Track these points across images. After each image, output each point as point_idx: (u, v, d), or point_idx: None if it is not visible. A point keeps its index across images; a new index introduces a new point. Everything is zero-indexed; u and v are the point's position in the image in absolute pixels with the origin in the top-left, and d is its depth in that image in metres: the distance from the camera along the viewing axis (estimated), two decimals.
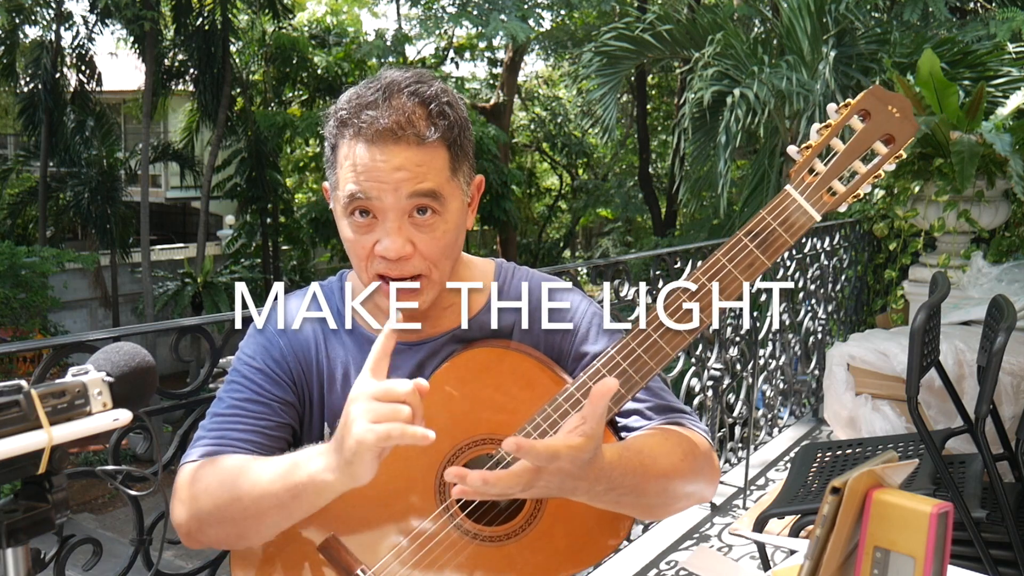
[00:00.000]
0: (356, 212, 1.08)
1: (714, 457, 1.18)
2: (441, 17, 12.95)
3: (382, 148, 1.04)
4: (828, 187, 1.07)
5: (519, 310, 1.19)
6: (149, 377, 0.73)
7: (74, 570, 1.55)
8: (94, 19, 16.47)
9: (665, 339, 1.05)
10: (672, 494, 1.10)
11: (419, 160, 1.05)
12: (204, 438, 1.14)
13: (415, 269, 1.09)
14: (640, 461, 1.05)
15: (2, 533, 0.64)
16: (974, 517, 2.08)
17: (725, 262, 1.06)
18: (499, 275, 1.22)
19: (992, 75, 4.80)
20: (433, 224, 1.08)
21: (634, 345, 1.06)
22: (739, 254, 1.06)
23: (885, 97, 1.06)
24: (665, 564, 2.94)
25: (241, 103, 18.01)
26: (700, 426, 1.20)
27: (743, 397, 3.65)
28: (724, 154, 5.73)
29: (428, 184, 1.06)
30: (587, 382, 1.05)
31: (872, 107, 1.06)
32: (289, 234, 18.32)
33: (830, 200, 1.07)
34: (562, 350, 1.19)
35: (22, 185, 18.50)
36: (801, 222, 1.06)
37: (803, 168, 1.07)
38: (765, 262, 1.06)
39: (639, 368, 1.06)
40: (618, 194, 16.33)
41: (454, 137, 1.09)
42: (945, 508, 0.82)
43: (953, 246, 4.36)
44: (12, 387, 0.62)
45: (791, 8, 5.61)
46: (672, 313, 1.05)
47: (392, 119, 1.04)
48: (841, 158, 1.06)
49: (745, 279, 1.06)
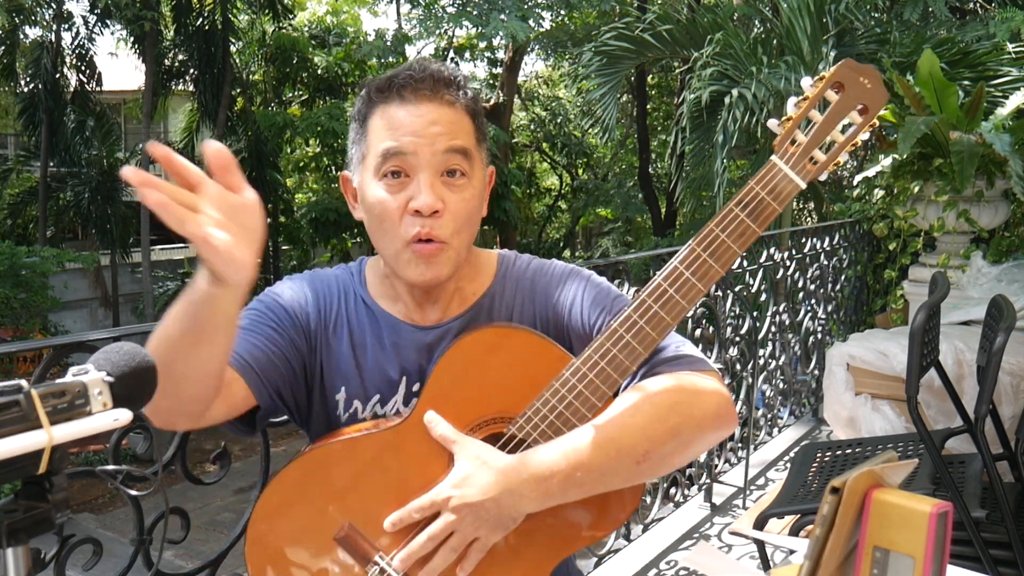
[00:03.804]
0: (389, 174, 1.12)
1: (711, 394, 1.11)
2: (441, 17, 12.93)
3: (418, 104, 1.11)
4: (810, 156, 1.12)
5: (520, 295, 1.23)
6: (149, 377, 0.73)
7: (74, 570, 1.55)
8: (94, 19, 16.46)
9: (666, 308, 1.09)
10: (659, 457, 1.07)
11: (452, 118, 1.13)
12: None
13: (441, 231, 1.12)
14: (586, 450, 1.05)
15: (2, 533, 0.64)
16: (974, 517, 2.08)
17: (718, 232, 1.10)
18: (502, 263, 1.27)
19: (992, 75, 4.80)
20: (463, 186, 1.14)
21: (636, 317, 1.09)
22: (731, 224, 1.10)
23: (857, 69, 1.11)
24: (665, 564, 2.94)
25: (241, 103, 18.01)
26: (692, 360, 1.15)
27: (743, 397, 3.65)
28: (721, 154, 5.73)
29: (460, 142, 1.13)
30: (592, 355, 1.09)
31: (845, 79, 1.11)
32: (289, 234, 18.31)
33: (812, 168, 1.12)
34: (561, 327, 1.21)
35: (22, 185, 18.49)
36: (788, 190, 1.10)
37: (785, 139, 1.12)
38: (756, 230, 1.10)
39: (642, 340, 1.09)
40: (618, 194, 16.31)
41: (477, 111, 1.17)
42: (945, 508, 0.82)
43: (953, 246, 4.36)
44: (12, 387, 0.62)
45: (791, 8, 5.61)
46: (672, 283, 1.09)
47: (428, 78, 1.12)
48: (820, 128, 1.11)
49: (738, 247, 1.10)
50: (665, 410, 1.08)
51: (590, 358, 1.09)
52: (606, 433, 1.06)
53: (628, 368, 1.09)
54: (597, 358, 1.09)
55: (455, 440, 1.09)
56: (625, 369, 1.09)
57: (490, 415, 1.12)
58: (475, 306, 1.22)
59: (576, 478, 1.04)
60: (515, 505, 1.05)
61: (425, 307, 1.21)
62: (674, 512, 3.27)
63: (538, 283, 1.24)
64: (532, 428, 1.10)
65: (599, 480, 1.06)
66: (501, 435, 1.12)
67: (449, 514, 1.05)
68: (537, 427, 1.10)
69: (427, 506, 1.07)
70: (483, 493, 1.04)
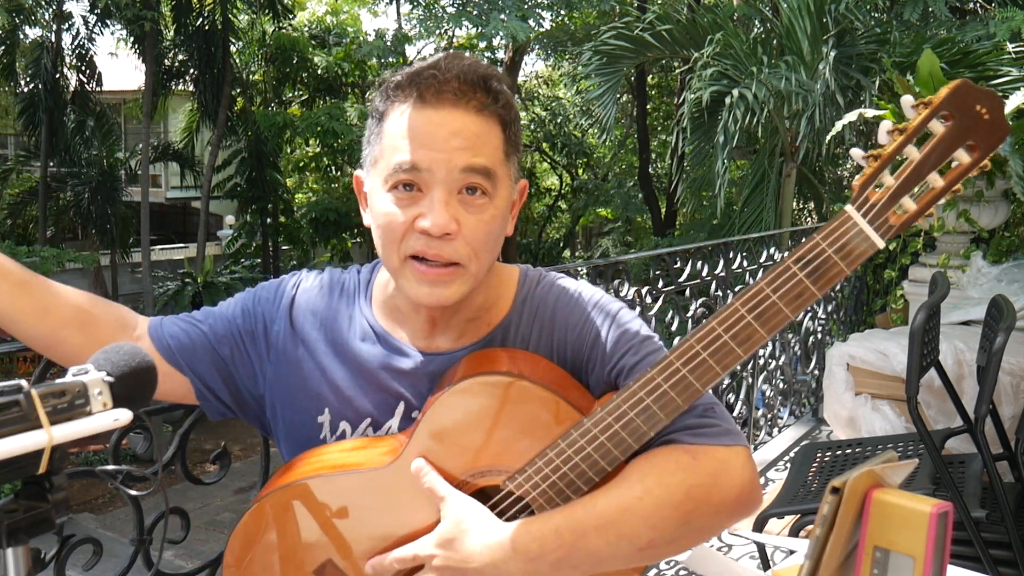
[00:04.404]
0: (400, 186, 1.00)
1: (734, 477, 0.98)
2: (441, 17, 12.94)
3: (439, 109, 0.99)
4: (898, 205, 0.89)
5: (537, 323, 1.11)
6: (149, 377, 0.73)
7: (74, 570, 1.55)
8: (94, 19, 16.46)
9: (696, 373, 0.95)
10: (664, 545, 0.98)
11: (477, 130, 0.99)
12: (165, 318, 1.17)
13: (454, 254, 1.00)
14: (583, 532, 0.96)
15: (2, 533, 0.64)
16: (974, 517, 2.08)
17: (768, 291, 0.93)
18: (522, 284, 1.14)
19: (992, 75, 4.80)
20: (482, 206, 1.01)
21: (660, 380, 0.95)
22: (786, 283, 0.92)
23: (974, 94, 0.87)
24: (665, 564, 2.94)
25: (241, 103, 18.01)
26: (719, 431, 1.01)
27: (743, 397, 3.65)
28: (722, 154, 5.73)
29: (482, 160, 0.99)
30: (606, 417, 0.97)
31: (957, 106, 0.87)
32: (289, 234, 18.32)
33: (898, 222, 0.90)
34: (580, 365, 1.09)
35: (22, 185, 18.49)
36: (862, 249, 0.90)
37: (869, 182, 0.89)
38: (815, 293, 0.92)
39: (664, 406, 0.96)
40: (618, 194, 16.31)
41: (510, 120, 1.03)
42: (945, 508, 0.82)
43: (953, 246, 4.36)
44: (12, 387, 0.62)
45: (791, 8, 5.61)
46: (707, 346, 0.94)
47: (455, 79, 0.99)
48: (915, 168, 0.89)
49: (790, 312, 0.93)
50: (678, 495, 0.96)
51: (603, 419, 0.97)
52: (608, 516, 0.96)
53: (646, 434, 0.97)
54: (611, 420, 0.96)
55: (443, 496, 1.00)
56: (642, 435, 0.97)
57: (486, 466, 1.03)
58: (488, 336, 1.11)
59: (569, 560, 0.96)
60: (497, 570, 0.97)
61: (434, 333, 1.11)
62: None
63: (559, 312, 1.10)
64: (532, 487, 1.00)
65: (595, 566, 0.98)
66: (497, 489, 1.03)
67: (430, 572, 1.00)
68: (537, 486, 1.00)
69: (409, 559, 1.01)
70: (465, 561, 0.98)
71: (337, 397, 1.12)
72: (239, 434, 11.15)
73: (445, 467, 1.03)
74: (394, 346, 1.12)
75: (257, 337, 1.15)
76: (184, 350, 1.13)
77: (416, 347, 1.11)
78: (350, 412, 1.12)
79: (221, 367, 1.14)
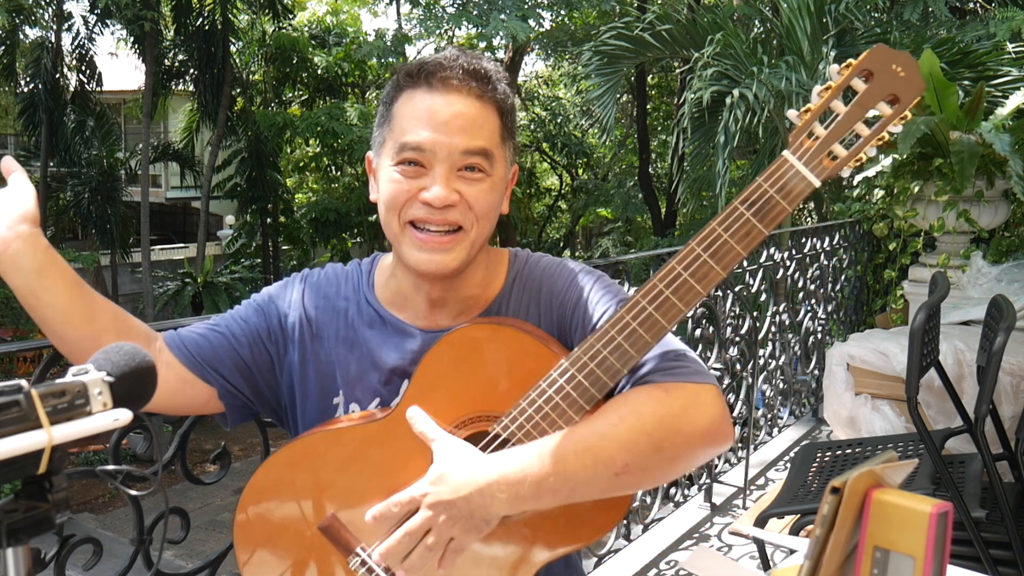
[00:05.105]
0: (406, 163, 1.11)
1: (703, 409, 1.04)
2: (441, 17, 12.94)
3: (444, 95, 1.10)
4: (828, 151, 1.01)
5: (527, 297, 1.20)
6: (149, 377, 0.73)
7: (74, 570, 1.55)
8: (94, 19, 16.46)
9: (661, 310, 1.03)
10: (639, 471, 1.03)
11: (476, 115, 1.11)
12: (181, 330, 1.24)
13: (457, 219, 1.11)
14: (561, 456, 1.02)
15: (2, 533, 0.64)
16: (974, 517, 2.08)
17: (721, 231, 1.02)
18: (512, 263, 1.24)
19: (992, 75, 4.80)
20: (480, 179, 1.12)
21: (628, 318, 1.04)
22: (735, 223, 1.02)
23: (890, 55, 1.00)
24: (665, 564, 2.94)
25: (241, 103, 18.01)
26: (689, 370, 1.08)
27: (743, 397, 3.65)
28: (723, 154, 5.72)
29: (480, 142, 1.11)
30: (581, 356, 1.05)
31: (875, 66, 1.01)
32: (289, 234, 18.32)
33: (830, 165, 1.02)
34: (565, 327, 1.18)
35: None
36: (800, 188, 1.01)
37: (802, 132, 1.02)
38: (763, 231, 1.02)
39: (635, 343, 1.04)
40: (618, 194, 16.32)
41: (507, 108, 1.15)
42: (945, 508, 0.82)
43: (953, 246, 4.36)
44: (12, 387, 0.62)
45: (791, 8, 5.61)
46: (669, 284, 1.03)
47: (459, 68, 1.11)
48: (843, 120, 1.01)
49: (741, 249, 1.02)
50: (651, 423, 1.02)
51: (579, 359, 1.04)
52: (585, 441, 1.02)
53: (619, 371, 1.04)
54: (587, 359, 1.04)
55: (434, 438, 1.07)
56: (616, 372, 1.04)
57: (475, 412, 1.10)
58: (484, 313, 1.20)
59: (549, 484, 1.01)
60: (486, 506, 1.03)
61: (434, 312, 1.20)
62: (674, 512, 3.27)
63: (544, 284, 1.20)
64: (517, 428, 1.07)
65: (574, 489, 1.02)
66: (486, 433, 1.09)
67: (425, 510, 1.05)
68: (522, 427, 1.07)
69: (406, 501, 1.06)
70: (455, 491, 1.03)
71: (347, 380, 1.20)
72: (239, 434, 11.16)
73: (437, 416, 1.09)
74: (398, 327, 1.20)
75: (273, 331, 1.22)
76: (205, 354, 1.19)
77: (418, 326, 1.20)
78: (360, 393, 1.20)
79: (241, 366, 1.21)
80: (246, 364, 1.21)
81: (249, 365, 1.21)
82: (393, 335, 1.20)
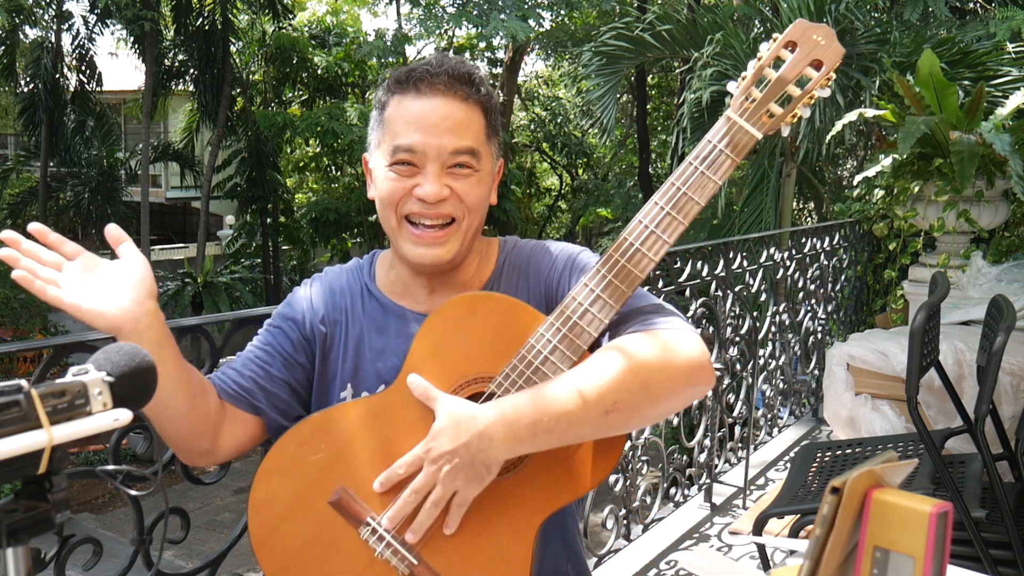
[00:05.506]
0: (400, 163, 1.20)
1: (685, 350, 1.11)
2: (441, 17, 12.93)
3: (432, 98, 1.19)
4: (766, 110, 1.16)
5: (516, 276, 1.29)
6: (149, 377, 0.73)
7: (74, 570, 1.55)
8: (94, 19, 16.46)
9: (633, 261, 1.14)
10: (628, 409, 1.08)
11: (462, 116, 1.20)
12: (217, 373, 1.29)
13: (450, 211, 1.20)
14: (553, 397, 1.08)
15: (2, 533, 0.64)
16: (974, 517, 2.08)
17: (679, 185, 1.15)
18: (503, 249, 1.33)
19: (992, 75, 4.80)
20: (469, 175, 1.21)
21: (604, 271, 1.14)
22: (690, 177, 1.15)
23: (810, 28, 1.16)
24: (665, 564, 2.94)
25: (241, 103, 18.00)
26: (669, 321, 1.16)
27: (743, 397, 3.65)
28: None
29: (467, 142, 1.20)
30: (564, 311, 1.14)
31: (798, 38, 1.16)
32: (289, 234, 18.31)
33: (769, 121, 1.16)
34: (552, 298, 1.26)
35: (22, 185, 18.50)
36: (745, 141, 1.15)
37: (741, 95, 1.17)
38: (716, 182, 1.15)
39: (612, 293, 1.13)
40: (618, 194, 16.30)
41: (490, 108, 1.24)
42: (945, 508, 0.82)
43: (953, 246, 4.36)
44: (12, 387, 0.62)
45: (791, 8, 5.61)
46: (638, 237, 1.14)
47: (444, 74, 1.20)
48: (775, 84, 1.16)
49: (699, 199, 1.15)
50: (636, 363, 1.09)
51: (562, 314, 1.13)
52: (575, 383, 1.08)
53: (600, 321, 1.13)
54: (569, 313, 1.13)
55: (435, 397, 1.12)
56: (598, 323, 1.12)
57: (472, 375, 1.16)
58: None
59: (543, 423, 1.06)
60: (485, 449, 1.06)
61: (433, 298, 1.27)
62: (674, 512, 3.27)
63: (531, 262, 1.29)
64: (511, 385, 1.13)
65: (568, 428, 1.07)
66: (483, 394, 1.15)
67: (429, 465, 1.09)
68: (516, 383, 1.13)
69: (411, 462, 1.11)
70: (455, 440, 1.07)
71: (357, 370, 1.27)
72: None
73: (436, 382, 1.15)
74: (400, 314, 1.28)
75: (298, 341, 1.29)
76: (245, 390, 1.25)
77: (418, 311, 1.27)
78: (368, 380, 1.26)
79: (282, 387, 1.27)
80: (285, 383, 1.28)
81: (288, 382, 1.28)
82: (397, 321, 1.27)
